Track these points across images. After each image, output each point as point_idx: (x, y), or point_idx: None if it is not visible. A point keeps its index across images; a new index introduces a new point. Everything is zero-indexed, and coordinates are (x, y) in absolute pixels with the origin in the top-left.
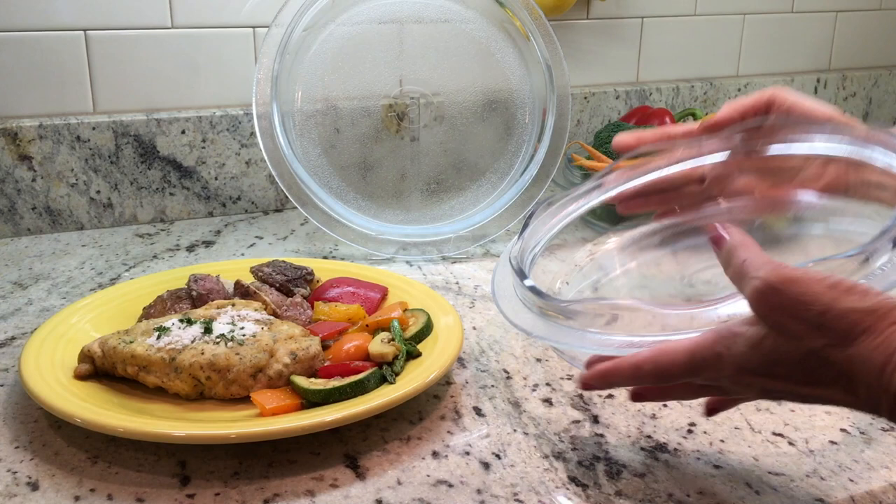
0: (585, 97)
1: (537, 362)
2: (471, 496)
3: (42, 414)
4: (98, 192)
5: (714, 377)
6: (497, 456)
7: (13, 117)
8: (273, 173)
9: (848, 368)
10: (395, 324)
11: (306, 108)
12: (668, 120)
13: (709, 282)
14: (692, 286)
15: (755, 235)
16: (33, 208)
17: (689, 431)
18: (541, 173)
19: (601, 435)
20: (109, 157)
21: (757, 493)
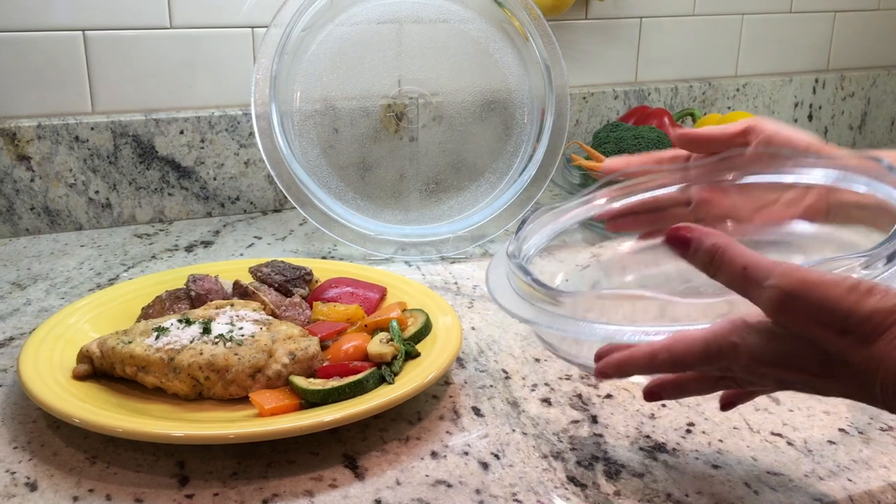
0: (584, 97)
1: (536, 362)
2: (469, 496)
3: (41, 414)
4: (97, 192)
5: (729, 366)
6: (496, 456)
7: (11, 117)
8: (272, 173)
9: (867, 367)
10: (394, 324)
11: (305, 108)
12: (666, 120)
13: (712, 283)
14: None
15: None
16: (32, 208)
17: (688, 431)
18: (539, 173)
19: (600, 435)
20: (108, 157)
21: (755, 492)
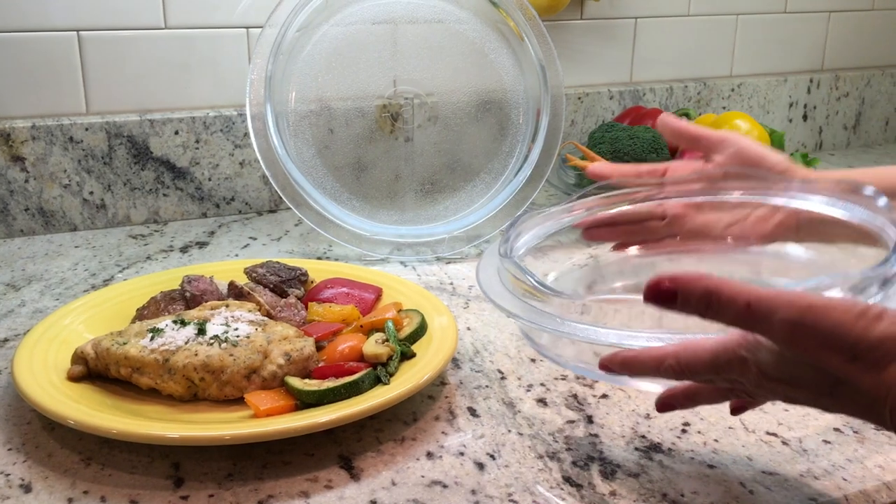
0: (579, 97)
1: (531, 363)
2: (465, 497)
3: (35, 416)
4: (91, 192)
5: (737, 379)
6: (491, 456)
7: (6, 118)
8: (267, 174)
9: (876, 393)
10: (390, 324)
11: (300, 108)
12: None
13: None
14: None
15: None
16: (26, 209)
17: (683, 431)
18: (535, 174)
19: (595, 435)
20: (102, 157)
21: (751, 492)
